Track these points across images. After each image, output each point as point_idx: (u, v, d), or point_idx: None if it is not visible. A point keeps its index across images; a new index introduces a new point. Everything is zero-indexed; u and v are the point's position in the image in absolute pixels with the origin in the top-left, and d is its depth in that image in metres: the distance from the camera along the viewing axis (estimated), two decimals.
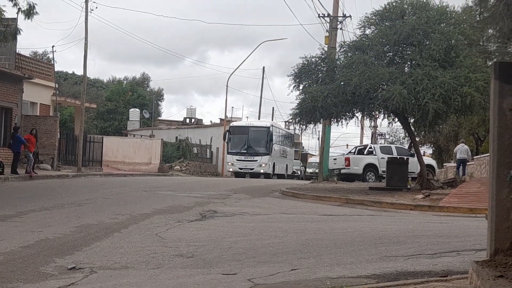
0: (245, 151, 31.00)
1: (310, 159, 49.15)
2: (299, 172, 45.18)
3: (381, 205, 13.86)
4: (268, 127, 32.04)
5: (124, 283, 5.32)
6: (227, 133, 32.10)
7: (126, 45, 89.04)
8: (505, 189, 2.72)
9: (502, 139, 2.73)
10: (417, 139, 20.46)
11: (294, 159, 45.17)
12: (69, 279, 5.51)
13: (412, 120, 16.70)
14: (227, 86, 42.33)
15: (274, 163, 32.43)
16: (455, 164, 23.77)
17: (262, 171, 30.38)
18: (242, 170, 30.77)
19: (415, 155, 19.07)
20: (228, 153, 32.15)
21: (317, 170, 33.27)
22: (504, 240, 2.77)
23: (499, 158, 2.72)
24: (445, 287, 4.91)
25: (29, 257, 6.50)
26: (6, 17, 14.83)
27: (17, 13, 14.15)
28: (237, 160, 31.01)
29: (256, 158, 30.51)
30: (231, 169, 32.19)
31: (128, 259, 6.55)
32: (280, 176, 34.23)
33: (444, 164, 29.25)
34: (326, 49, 20.48)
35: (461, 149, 23.00)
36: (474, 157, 25.04)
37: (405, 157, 19.39)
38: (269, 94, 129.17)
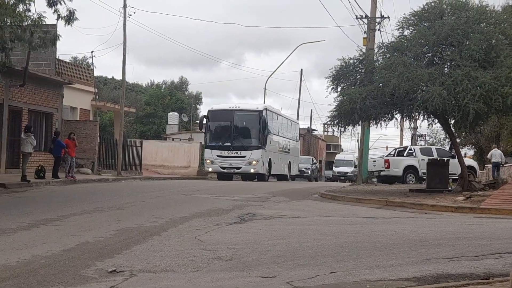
0: (229, 144, 22.91)
1: (338, 156, 46.68)
2: (309, 171, 36.71)
3: (421, 207, 14.03)
4: (260, 111, 23.30)
5: (163, 286, 5.49)
6: (205, 118, 24.48)
7: (164, 49, 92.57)
8: None
9: None
10: (457, 140, 20.71)
11: (302, 156, 37.29)
12: (109, 282, 5.64)
13: (452, 121, 16.83)
14: (265, 88, 43.08)
15: (270, 159, 24.40)
16: (493, 167, 24.55)
17: (252, 170, 22.55)
18: (225, 170, 22.78)
19: (456, 156, 19.15)
20: (206, 147, 24.19)
21: (346, 169, 35.31)
22: None
23: None
24: None
25: (70, 261, 6.73)
26: (46, 23, 15.14)
27: (57, 19, 14.58)
28: (218, 156, 22.85)
29: (244, 153, 22.28)
30: (210, 169, 23.94)
31: (168, 262, 6.72)
32: (281, 178, 27.57)
33: (485, 165, 28.44)
34: (364, 50, 20.75)
35: (495, 154, 24.34)
36: None
37: (446, 159, 19.37)
38: (307, 96, 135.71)
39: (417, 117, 19.54)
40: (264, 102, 36.71)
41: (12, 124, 19.68)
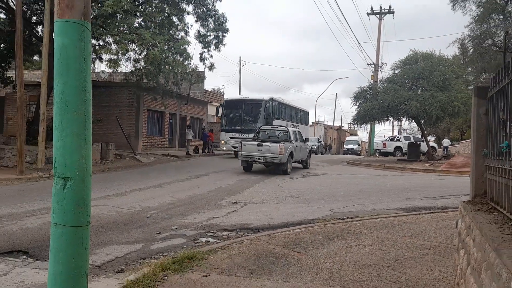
0: (239, 128, 26.01)
1: (347, 138, 62.54)
2: (315, 147, 43.45)
3: (404, 169, 21.16)
4: (265, 100, 26.28)
5: (262, 210, 9.20)
6: (221, 107, 27.72)
7: (262, 82, 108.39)
8: (480, 160, 4.00)
9: (479, 131, 4.06)
10: (425, 131, 29.98)
11: (312, 137, 45.84)
12: (233, 207, 9.63)
13: (422, 121, 25.43)
14: (315, 105, 75.77)
15: None
16: (443, 148, 38.46)
17: None
18: (236, 149, 24.24)
19: (424, 141, 29.48)
20: (221, 130, 27.38)
21: (352, 146, 49.91)
22: (480, 189, 4.05)
23: (477, 142, 4.08)
24: (443, 215, 8.47)
25: (212, 196, 11.11)
26: (198, 70, 25.06)
27: (204, 68, 24.49)
28: (230, 138, 25.90)
29: (251, 135, 23.21)
30: (224, 148, 26.97)
31: (264, 198, 10.94)
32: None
33: (441, 146, 41.18)
34: (372, 82, 30.99)
35: (445, 141, 40.74)
36: (460, 142, 45.44)
37: (418, 142, 29.93)
38: (338, 108, 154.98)
39: (401, 119, 28.15)
40: (315, 116, 53.96)
41: (181, 124, 31.96)
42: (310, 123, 59.96)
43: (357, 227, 7.49)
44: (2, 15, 18.88)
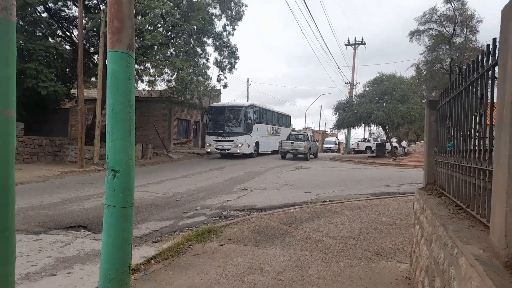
0: (221, 132, 22.13)
1: (327, 139, 61.51)
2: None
3: (373, 164, 20.77)
4: (245, 106, 22.42)
5: (264, 195, 9.26)
6: (205, 114, 23.97)
7: (266, 98, 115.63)
8: (431, 156, 4.01)
9: (430, 134, 4.07)
10: (389, 134, 29.71)
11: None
12: (242, 192, 9.67)
13: (387, 127, 25.31)
14: (305, 114, 77.11)
15: (257, 142, 23.40)
16: (402, 148, 37.89)
17: (238, 151, 21.69)
18: (219, 151, 22.05)
19: (388, 142, 29.90)
20: (206, 133, 23.05)
21: (330, 146, 47.92)
22: (431, 178, 4.05)
23: (429, 143, 4.08)
24: (403, 199, 8.47)
25: (226, 184, 11.03)
26: (216, 88, 25.41)
27: (220, 86, 23.93)
28: (214, 140, 22.08)
29: (232, 138, 21.60)
30: (209, 150, 22.72)
31: (266, 185, 10.99)
32: (275, 152, 26.83)
33: (401, 146, 40.50)
34: (348, 97, 30.48)
35: (403, 142, 40.89)
36: (416, 142, 45.07)
37: (384, 143, 29.99)
38: (323, 117, 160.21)
39: (371, 125, 28.26)
40: (305, 123, 46.83)
41: (203, 129, 30.19)
42: (294, 127, 59.79)
43: (337, 207, 7.47)
44: (67, 47, 19.00)
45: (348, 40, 34.38)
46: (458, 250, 1.89)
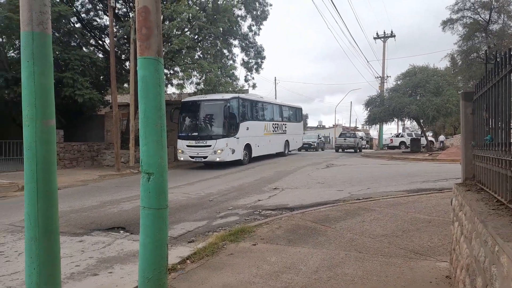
0: (196, 134, 16.45)
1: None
2: (315, 144, 34.65)
3: (408, 159, 20.31)
4: (227, 100, 16.33)
5: (295, 194, 9.16)
6: (176, 110, 17.50)
7: (294, 96, 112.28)
8: (469, 150, 3.88)
9: (467, 127, 3.94)
10: (424, 129, 28.90)
11: (312, 133, 41.14)
12: (273, 192, 9.64)
13: (421, 121, 24.71)
14: (335, 111, 73.60)
15: (247, 145, 17.81)
16: (439, 142, 36.62)
17: (218, 159, 16.07)
18: (194, 160, 16.37)
19: (424, 136, 29.05)
20: (178, 137, 17.07)
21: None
22: (469, 173, 3.91)
23: (466, 136, 3.94)
24: (441, 195, 8.18)
25: (257, 184, 11.09)
26: (243, 88, 24.03)
27: (248, 87, 23.88)
28: (187, 146, 16.37)
29: (209, 142, 16.11)
30: (181, 158, 16.77)
31: (296, 184, 10.90)
32: (279, 154, 22.11)
33: (438, 140, 39.67)
34: (379, 91, 30.10)
35: (440, 136, 38.88)
36: (454, 135, 42.89)
37: (419, 137, 28.95)
38: (353, 113, 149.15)
39: (404, 120, 26.87)
40: (335, 120, 52.83)
41: None
42: (329, 126, 59.42)
43: (371, 205, 7.32)
44: (100, 55, 19.78)
45: (377, 33, 33.54)
46: (499, 248, 1.81)
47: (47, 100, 2.65)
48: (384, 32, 33.30)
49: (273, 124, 21.01)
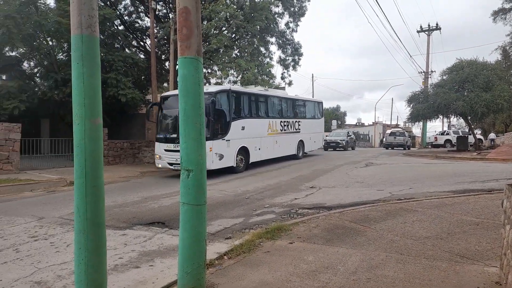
0: (175, 136, 12.90)
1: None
2: (344, 143, 29.25)
3: (454, 158, 19.20)
4: (211, 94, 12.45)
5: (333, 193, 8.98)
6: (154, 107, 14.96)
7: (331, 93, 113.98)
8: None
9: None
10: (472, 126, 26.81)
11: (340, 130, 36.74)
12: (310, 190, 9.48)
13: (469, 118, 23.05)
14: (375, 108, 59.00)
15: (243, 148, 14.22)
16: (490, 140, 33.98)
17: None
18: (172, 167, 13.01)
19: (472, 134, 26.68)
20: (156, 139, 13.87)
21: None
22: None
23: None
24: (490, 196, 7.61)
25: (293, 183, 10.90)
26: (280, 86, 25.31)
27: (285, 84, 24.56)
28: (165, 150, 13.14)
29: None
30: (159, 165, 13.49)
31: (334, 183, 10.65)
32: (291, 157, 18.42)
33: (487, 138, 37.10)
34: (423, 87, 29.34)
35: (491, 134, 35.33)
36: (505, 133, 39.72)
37: (466, 135, 27.98)
38: (394, 109, 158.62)
39: (450, 117, 25.55)
40: (375, 117, 43.97)
41: None
42: (368, 123, 57.97)
43: (413, 206, 7.06)
44: (142, 56, 20.54)
45: (421, 26, 32.23)
46: None
47: (95, 100, 2.80)
48: (429, 25, 31.96)
49: (281, 121, 17.05)
